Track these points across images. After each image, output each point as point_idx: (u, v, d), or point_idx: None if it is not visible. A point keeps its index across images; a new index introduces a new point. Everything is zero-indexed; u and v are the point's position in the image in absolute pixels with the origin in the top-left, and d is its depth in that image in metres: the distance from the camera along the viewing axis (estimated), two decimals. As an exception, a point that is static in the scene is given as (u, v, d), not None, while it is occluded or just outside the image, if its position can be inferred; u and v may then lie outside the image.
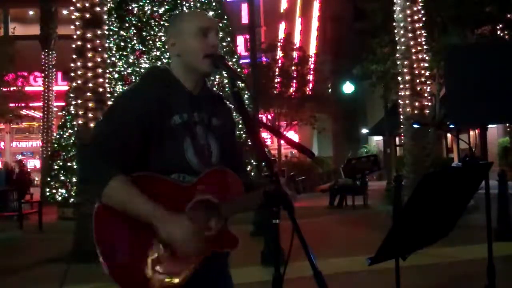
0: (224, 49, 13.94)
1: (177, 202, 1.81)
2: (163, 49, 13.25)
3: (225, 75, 2.17)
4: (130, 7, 13.42)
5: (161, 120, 1.85)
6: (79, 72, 7.92)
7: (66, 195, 12.94)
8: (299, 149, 1.90)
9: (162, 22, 13.43)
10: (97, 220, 1.77)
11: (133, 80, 12.94)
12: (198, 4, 14.04)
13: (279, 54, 22.71)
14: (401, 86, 11.18)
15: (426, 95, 11.16)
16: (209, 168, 1.90)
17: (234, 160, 2.06)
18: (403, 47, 10.99)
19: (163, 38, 13.30)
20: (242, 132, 13.24)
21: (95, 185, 1.75)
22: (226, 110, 2.11)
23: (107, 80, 8.28)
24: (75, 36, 8.04)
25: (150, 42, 13.30)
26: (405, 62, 10.97)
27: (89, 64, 7.91)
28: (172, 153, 1.86)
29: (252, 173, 12.92)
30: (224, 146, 2.03)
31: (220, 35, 2.04)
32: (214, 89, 2.09)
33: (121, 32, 13.30)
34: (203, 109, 1.97)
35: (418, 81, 10.89)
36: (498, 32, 16.66)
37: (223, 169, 1.93)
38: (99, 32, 8.02)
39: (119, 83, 12.87)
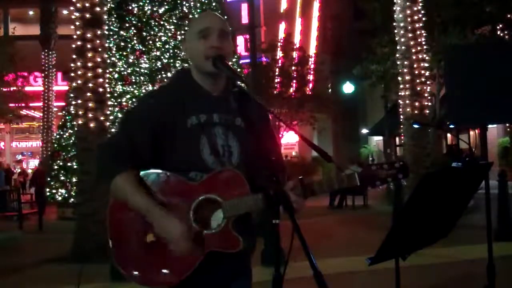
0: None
1: (183, 199, 1.86)
2: (163, 49, 13.24)
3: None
4: (130, 7, 13.39)
5: (175, 122, 1.91)
6: (79, 72, 7.91)
7: (66, 195, 12.93)
8: (318, 151, 1.80)
9: (162, 22, 13.41)
10: (111, 211, 1.92)
11: (133, 80, 12.95)
12: (198, 4, 14.02)
13: (279, 54, 22.68)
14: (401, 86, 11.18)
15: (426, 95, 11.17)
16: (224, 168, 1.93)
17: (260, 161, 1.90)
18: (403, 47, 10.99)
19: (163, 38, 13.30)
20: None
21: (104, 181, 1.89)
22: (248, 108, 2.00)
23: (107, 80, 8.27)
24: (75, 36, 8.03)
25: (150, 42, 13.27)
26: (405, 62, 10.97)
27: (89, 64, 7.90)
28: (188, 152, 1.91)
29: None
30: (248, 146, 1.98)
31: None
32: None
33: (121, 32, 13.28)
34: (223, 110, 1.98)
35: (418, 81, 10.90)
36: (498, 32, 16.67)
37: (231, 170, 1.92)
38: (99, 32, 8.01)
39: (119, 83, 12.86)
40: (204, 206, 1.87)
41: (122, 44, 13.21)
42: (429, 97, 11.86)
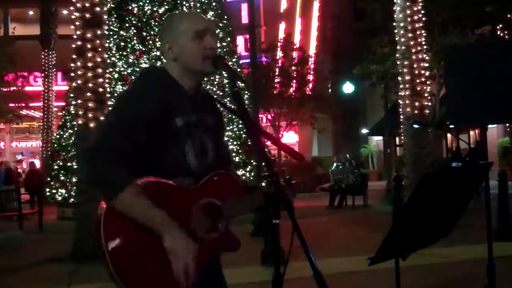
0: (224, 49, 13.93)
1: (182, 205, 1.80)
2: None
3: (225, 75, 2.15)
4: (130, 7, 13.40)
5: (165, 122, 1.85)
6: (79, 72, 7.91)
7: (66, 195, 12.93)
8: (288, 152, 1.91)
9: (162, 22, 13.40)
10: (107, 220, 1.70)
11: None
12: (198, 4, 14.01)
13: (279, 54, 22.69)
14: (401, 86, 11.18)
15: (426, 95, 11.17)
16: (206, 169, 1.91)
17: (223, 156, 2.10)
18: (403, 47, 10.99)
19: (163, 38, 13.29)
20: (242, 132, 13.27)
21: (106, 188, 1.73)
22: (214, 107, 2.12)
23: (107, 80, 8.28)
24: (75, 36, 8.03)
25: (150, 42, 13.28)
26: (405, 62, 10.98)
27: (89, 64, 7.90)
28: (175, 155, 1.87)
29: (252, 173, 12.93)
30: (217, 144, 2.04)
31: (220, 35, 2.04)
32: (214, 89, 2.10)
33: (121, 32, 13.28)
34: (199, 110, 1.97)
35: (418, 81, 10.90)
36: (498, 32, 16.66)
37: (225, 171, 1.93)
38: (99, 32, 8.01)
39: (119, 83, 12.86)
40: (203, 211, 1.85)
41: (122, 44, 13.21)
42: (429, 97, 11.86)
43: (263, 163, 1.78)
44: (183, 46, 1.92)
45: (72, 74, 8.15)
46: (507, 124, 19.12)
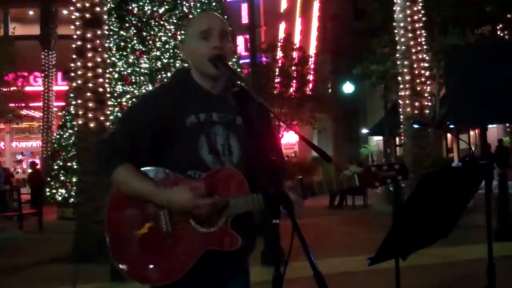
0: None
1: None
2: (163, 49, 13.23)
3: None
4: (130, 7, 13.39)
5: (175, 121, 1.92)
6: (79, 72, 7.91)
7: (66, 195, 12.93)
8: (318, 153, 1.82)
9: (162, 22, 13.41)
10: (109, 209, 1.95)
11: (133, 80, 12.95)
12: (198, 4, 14.01)
13: (279, 54, 22.67)
14: (401, 86, 11.19)
15: (426, 95, 11.18)
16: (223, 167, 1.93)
17: (260, 162, 1.83)
18: (403, 47, 10.99)
19: (163, 38, 13.29)
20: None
21: (103, 176, 1.93)
22: (259, 108, 1.95)
23: (107, 80, 8.27)
24: (75, 36, 8.04)
25: (150, 42, 13.27)
26: (405, 62, 10.98)
27: (89, 64, 7.90)
28: (186, 151, 1.92)
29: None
30: (248, 146, 1.95)
31: None
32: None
33: (121, 32, 13.27)
34: (224, 109, 1.98)
35: (418, 81, 10.90)
36: (498, 32, 16.67)
37: (231, 169, 1.92)
38: (99, 32, 8.01)
39: (119, 83, 12.85)
40: None
41: (122, 44, 13.20)
42: (429, 97, 11.86)
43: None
44: (191, 48, 1.99)
45: (72, 74, 8.16)
46: (507, 124, 19.11)
